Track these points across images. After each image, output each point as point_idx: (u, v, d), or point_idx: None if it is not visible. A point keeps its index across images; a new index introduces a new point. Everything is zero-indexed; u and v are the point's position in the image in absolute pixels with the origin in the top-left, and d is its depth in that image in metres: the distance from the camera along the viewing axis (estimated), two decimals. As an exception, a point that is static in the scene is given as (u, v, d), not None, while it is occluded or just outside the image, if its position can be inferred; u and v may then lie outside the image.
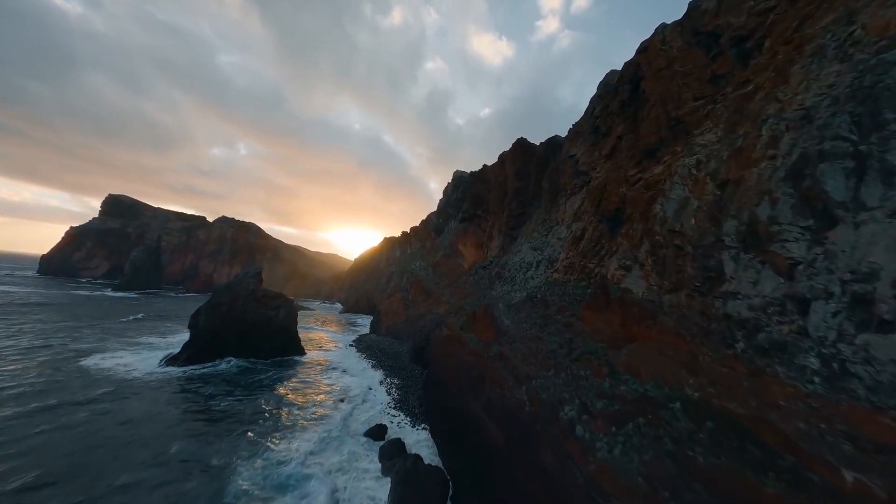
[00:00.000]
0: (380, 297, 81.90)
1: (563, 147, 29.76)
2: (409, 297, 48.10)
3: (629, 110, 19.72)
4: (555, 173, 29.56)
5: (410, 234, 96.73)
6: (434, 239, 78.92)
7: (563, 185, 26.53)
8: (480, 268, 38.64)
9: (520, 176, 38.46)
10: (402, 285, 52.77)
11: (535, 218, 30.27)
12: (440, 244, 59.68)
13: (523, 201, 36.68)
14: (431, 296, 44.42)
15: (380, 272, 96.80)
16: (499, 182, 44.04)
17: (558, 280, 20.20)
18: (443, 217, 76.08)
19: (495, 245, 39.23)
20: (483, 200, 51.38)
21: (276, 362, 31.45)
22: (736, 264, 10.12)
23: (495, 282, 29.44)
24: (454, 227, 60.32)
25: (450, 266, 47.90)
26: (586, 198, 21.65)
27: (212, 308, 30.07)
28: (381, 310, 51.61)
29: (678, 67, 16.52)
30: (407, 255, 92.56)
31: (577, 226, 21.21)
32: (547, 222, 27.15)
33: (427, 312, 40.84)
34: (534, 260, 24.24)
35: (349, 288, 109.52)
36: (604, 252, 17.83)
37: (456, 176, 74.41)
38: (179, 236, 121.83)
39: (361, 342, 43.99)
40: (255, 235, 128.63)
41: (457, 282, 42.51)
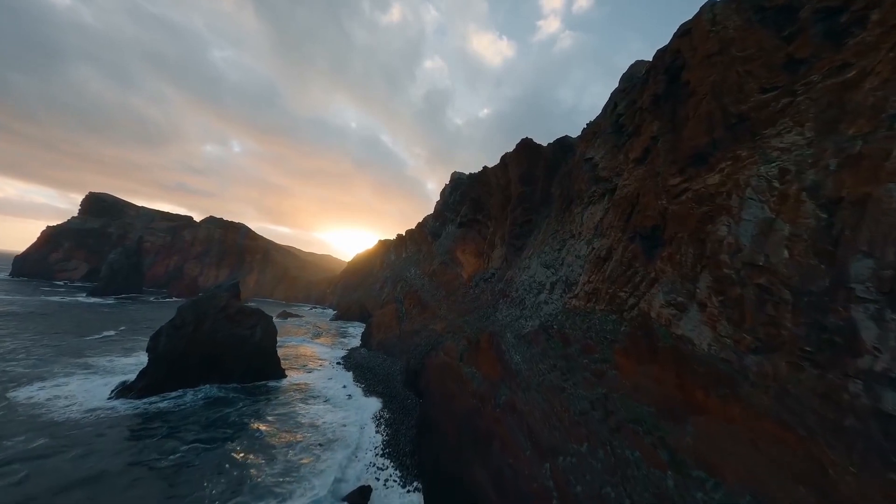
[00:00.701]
0: (373, 304, 78.13)
1: (576, 149, 26.51)
2: (403, 310, 44.55)
3: (665, 106, 16.43)
4: (567, 178, 26.26)
5: (406, 237, 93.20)
6: (430, 243, 75.52)
7: (579, 192, 23.23)
8: (481, 280, 35.25)
9: (525, 180, 35.12)
10: (396, 295, 49.20)
11: (545, 228, 26.93)
12: (437, 250, 56.19)
13: (529, 208, 33.35)
14: (427, 308, 40.93)
15: (373, 276, 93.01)
16: (501, 186, 40.68)
17: (579, 309, 16.84)
18: (440, 220, 72.72)
19: (497, 255, 35.86)
20: (483, 205, 48.06)
21: (250, 389, 27.72)
22: (881, 328, 6.81)
23: (499, 301, 26.03)
24: (452, 233, 56.96)
25: (447, 276, 44.45)
26: (611, 209, 18.33)
27: (175, 329, 26.24)
28: (374, 321, 48.01)
29: (737, 52, 13.23)
30: (402, 260, 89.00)
31: (600, 243, 17.88)
32: (559, 234, 23.82)
33: (422, 328, 37.34)
34: (546, 280, 20.86)
35: (342, 292, 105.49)
36: (639, 278, 14.52)
37: (454, 178, 71.03)
38: (164, 237, 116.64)
39: (350, 359, 40.32)
40: (244, 236, 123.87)
41: (455, 294, 39.08)
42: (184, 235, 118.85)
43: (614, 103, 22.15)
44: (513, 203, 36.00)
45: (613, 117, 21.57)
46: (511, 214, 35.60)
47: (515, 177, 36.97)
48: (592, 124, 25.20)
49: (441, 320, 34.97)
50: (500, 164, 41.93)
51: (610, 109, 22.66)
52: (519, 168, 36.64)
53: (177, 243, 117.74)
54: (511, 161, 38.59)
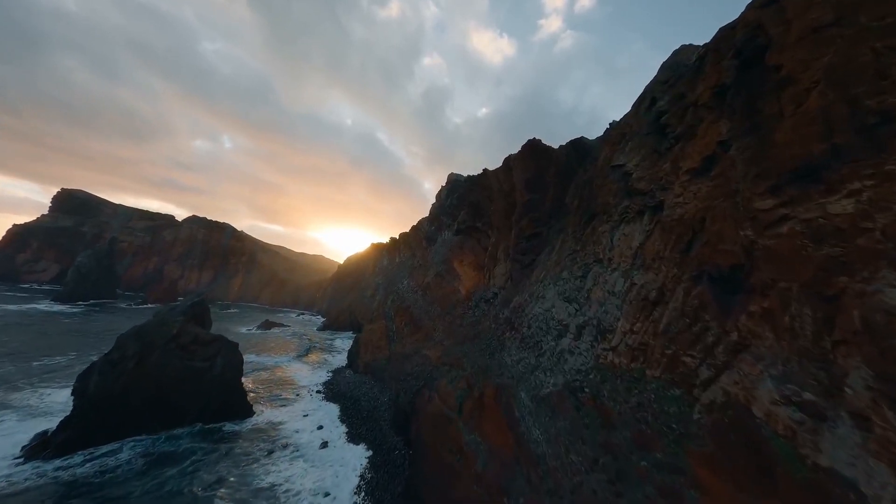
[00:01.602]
0: (363, 312, 73.49)
1: (597, 153, 22.42)
2: (393, 328, 40.13)
3: (737, 100, 12.33)
4: (587, 188, 22.12)
5: (400, 240, 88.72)
6: (425, 248, 71.17)
7: (605, 206, 19.08)
8: (482, 300, 31.02)
9: (532, 186, 30.95)
10: (386, 311, 44.74)
11: (560, 247, 22.75)
12: (432, 259, 51.84)
13: (537, 219, 29.19)
14: (420, 328, 36.60)
15: (365, 282, 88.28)
16: (504, 192, 36.48)
17: (620, 368, 12.69)
18: (435, 224, 68.40)
19: (500, 272, 31.66)
20: (483, 211, 43.84)
21: (206, 433, 23.13)
22: None
23: (506, 333, 21.80)
24: (448, 240, 52.65)
25: (443, 290, 40.14)
26: (657, 233, 14.19)
27: (111, 365, 21.50)
28: (362, 339, 43.48)
29: (867, 20, 9.16)
30: (395, 265, 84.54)
31: (645, 278, 13.72)
32: (580, 257, 19.66)
33: (414, 352, 32.99)
34: (569, 320, 16.64)
35: (331, 297, 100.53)
36: (712, 338, 10.41)
37: (451, 179, 66.75)
38: (142, 237, 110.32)
39: (333, 386, 35.79)
40: (229, 237, 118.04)
41: (452, 312, 34.80)
42: (164, 235, 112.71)
43: (651, 99, 18.04)
44: (518, 212, 31.81)
45: (651, 115, 17.44)
46: (516, 225, 31.42)
47: (521, 182, 32.77)
48: (619, 124, 21.07)
49: (436, 346, 30.65)
50: (504, 167, 37.75)
51: (644, 106, 18.54)
52: (525, 173, 32.46)
53: (157, 244, 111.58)
54: (516, 164, 34.39)
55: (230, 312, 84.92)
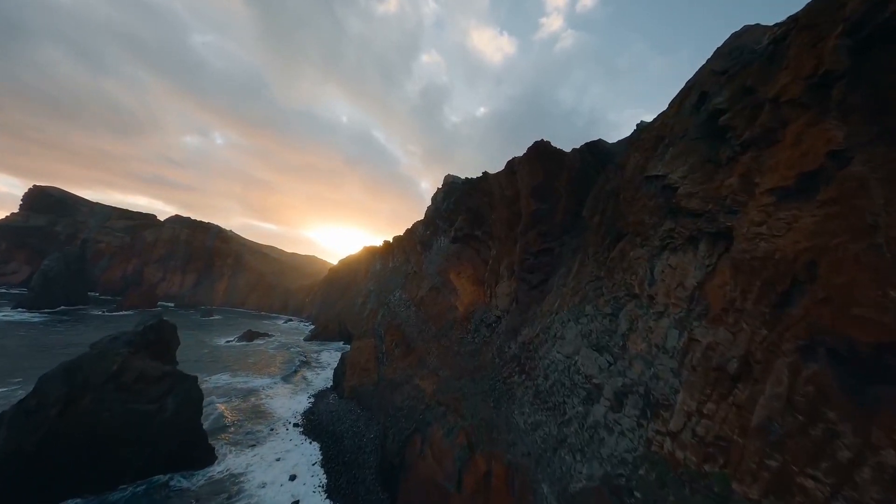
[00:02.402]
0: (354, 321, 69.42)
1: (623, 159, 18.80)
2: (383, 348, 36.28)
3: (856, 96, 8.77)
4: (611, 201, 18.50)
5: (394, 244, 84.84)
6: (420, 253, 67.49)
7: (638, 226, 15.49)
8: (483, 323, 27.35)
9: (540, 195, 27.32)
10: (376, 328, 40.82)
11: (577, 270, 19.12)
12: (426, 268, 48.05)
13: (546, 233, 25.57)
14: (413, 350, 32.81)
15: (356, 288, 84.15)
16: (507, 199, 32.82)
17: (687, 468, 9.08)
18: (431, 229, 64.64)
19: (504, 291, 28.01)
20: (483, 218, 40.19)
21: (151, 492, 19.10)
22: None
23: (513, 376, 18.12)
24: (444, 248, 48.93)
25: (439, 306, 36.41)
26: (727, 274, 10.59)
27: (25, 415, 17.35)
28: (349, 359, 39.51)
29: None
30: (388, 270, 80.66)
31: (713, 336, 10.12)
32: (606, 287, 16.06)
33: (405, 380, 29.22)
34: (602, 378, 12.96)
35: (321, 303, 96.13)
36: (845, 456, 6.84)
37: (447, 182, 62.92)
38: (121, 237, 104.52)
39: (314, 416, 31.84)
40: (214, 238, 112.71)
41: (448, 334, 31.06)
42: (145, 236, 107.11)
43: (700, 94, 14.43)
44: (524, 223, 28.16)
45: (702, 115, 13.85)
46: (521, 238, 27.77)
47: (527, 189, 29.12)
48: (653, 126, 17.44)
49: (430, 376, 26.91)
50: (506, 170, 34.04)
51: (690, 103, 14.95)
52: (532, 179, 28.79)
53: (137, 244, 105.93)
54: (521, 169, 30.70)
55: (212, 320, 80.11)
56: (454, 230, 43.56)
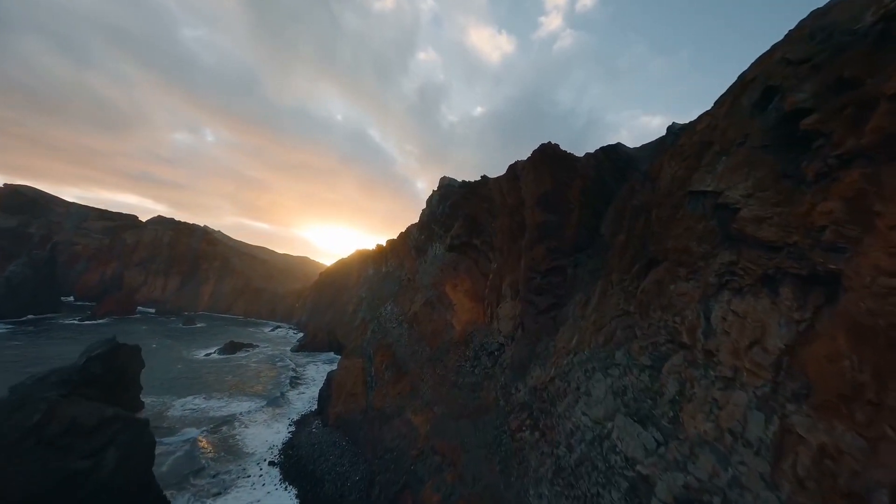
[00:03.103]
0: (344, 331, 65.88)
1: (651, 167, 15.71)
2: (372, 371, 32.92)
3: None
4: (641, 218, 15.44)
5: (387, 248, 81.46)
6: (414, 259, 64.32)
7: (681, 254, 12.42)
8: (484, 350, 24.17)
9: (548, 205, 24.21)
10: (364, 347, 37.41)
11: (601, 301, 16.00)
12: (420, 279, 44.78)
13: (556, 249, 22.46)
14: (405, 375, 29.53)
15: (348, 294, 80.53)
16: (509, 207, 29.70)
17: None
18: (426, 233, 61.41)
19: (507, 313, 24.89)
20: (481, 226, 37.08)
21: (82, 571, 15.56)
22: None
23: (523, 430, 14.96)
24: (440, 256, 45.73)
25: (433, 323, 33.18)
26: (841, 340, 7.52)
27: None
28: (335, 381, 36.06)
29: None
30: (381, 276, 77.30)
31: (823, 435, 7.04)
32: (640, 326, 12.98)
33: (396, 412, 25.96)
34: (651, 468, 9.80)
35: (311, 309, 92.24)
36: None
37: (443, 184, 59.59)
38: (99, 239, 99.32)
39: (294, 451, 28.41)
40: (199, 240, 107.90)
41: (444, 359, 27.85)
42: (125, 238, 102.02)
43: (764, 88, 11.37)
44: (530, 236, 25.03)
45: (769, 117, 10.80)
46: (527, 253, 24.65)
47: (532, 198, 26.00)
48: (695, 129, 14.36)
49: (424, 410, 23.69)
50: (508, 174, 30.91)
51: (750, 102, 11.88)
52: (538, 186, 25.67)
53: (116, 247, 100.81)
54: (526, 174, 27.57)
55: (194, 329, 75.79)
56: (450, 237, 40.34)
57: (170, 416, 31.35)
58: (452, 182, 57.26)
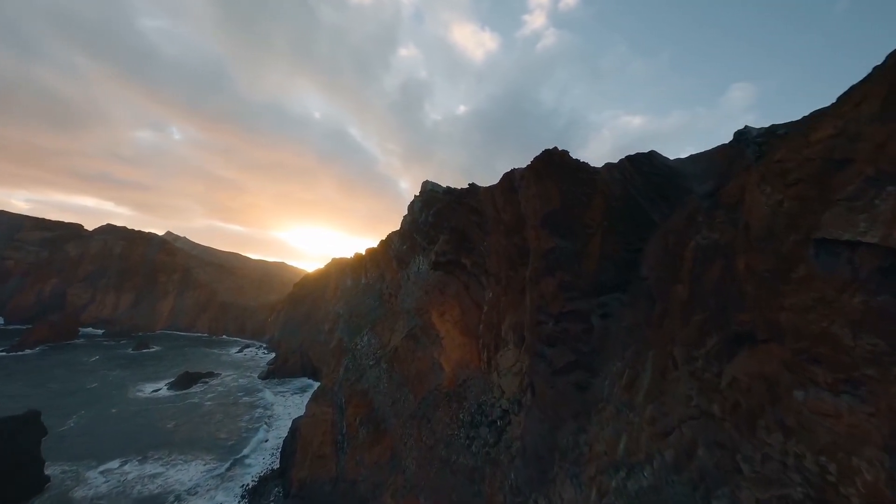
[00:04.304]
0: (318, 353, 59.31)
1: (726, 193, 10.84)
2: (344, 425, 27.10)
3: None
4: (715, 267, 10.65)
5: (366, 257, 75.18)
6: (396, 271, 58.56)
7: (819, 344, 7.63)
8: (484, 419, 18.94)
9: (556, 227, 19.25)
10: (336, 389, 31.47)
11: (659, 386, 11.13)
12: (401, 303, 39.21)
13: (571, 286, 17.52)
14: (384, 435, 23.98)
15: (323, 310, 73.66)
16: (506, 225, 24.66)
17: None
18: (408, 243, 55.82)
19: (509, 363, 19.83)
20: (472, 243, 31.97)
21: None
22: None
23: None
24: (424, 275, 40.34)
25: (419, 363, 27.78)
26: None
27: None
28: (300, 431, 29.91)
29: None
30: (360, 288, 71.02)
31: None
32: (747, 463, 8.14)
33: (371, 494, 20.41)
34: None
35: (284, 324, 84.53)
36: None
37: (425, 190, 54.07)
38: (36, 252, 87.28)
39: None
40: (157, 250, 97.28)
41: (432, 417, 22.48)
42: (67, 250, 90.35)
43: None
44: (535, 266, 20.00)
45: None
46: (533, 287, 19.63)
47: (536, 216, 20.99)
48: (806, 138, 9.60)
49: (407, 496, 18.26)
50: (504, 185, 25.84)
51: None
52: (543, 202, 20.66)
53: (57, 261, 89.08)
54: (526, 187, 22.52)
55: (146, 354, 66.71)
56: (435, 253, 34.96)
57: (76, 498, 24.36)
58: (436, 188, 51.85)
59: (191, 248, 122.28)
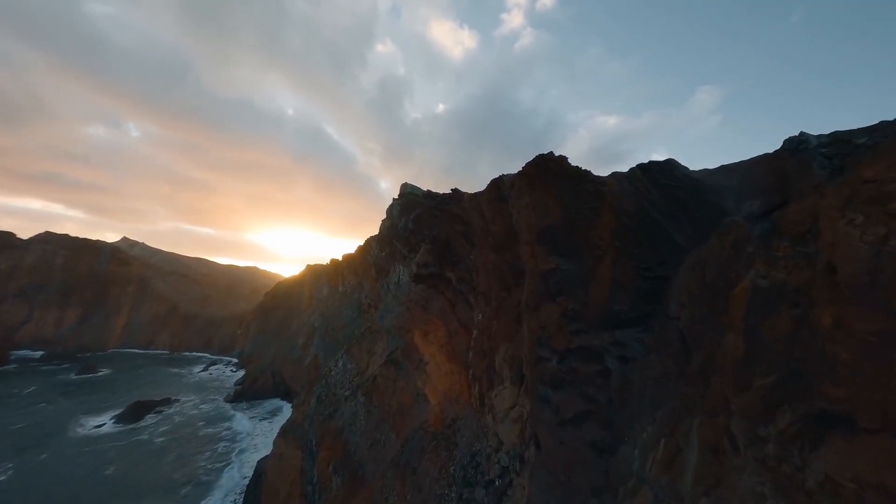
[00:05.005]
0: (291, 371, 54.66)
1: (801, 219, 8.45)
2: (315, 474, 23.46)
3: None
4: (775, 316, 8.23)
5: (343, 264, 70.78)
6: (375, 280, 54.90)
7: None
8: (480, 477, 16.11)
9: (556, 244, 16.59)
10: (306, 426, 27.64)
11: (706, 468, 8.60)
12: (381, 319, 35.75)
13: (577, 316, 14.93)
14: (361, 485, 20.65)
15: (298, 320, 68.61)
16: (496, 238, 21.83)
17: None
18: (387, 250, 52.25)
19: (507, 404, 17.09)
20: (456, 255, 29.16)
21: None
22: None
23: None
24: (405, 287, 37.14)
25: (400, 395, 24.58)
26: None
27: None
28: (266, 478, 25.92)
29: None
30: (337, 297, 66.69)
31: None
32: None
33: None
34: None
35: (255, 337, 78.47)
36: None
37: (405, 193, 50.46)
38: (-42, 267, 76.13)
39: None
40: (108, 260, 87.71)
41: (417, 467, 19.39)
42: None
43: None
44: (532, 288, 17.26)
45: None
46: (531, 314, 16.91)
47: (530, 231, 18.26)
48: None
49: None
50: (491, 193, 22.94)
51: None
52: (538, 216, 17.93)
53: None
54: (518, 196, 19.69)
55: (92, 379, 59.14)
56: (417, 265, 31.76)
57: None
58: (415, 191, 48.45)
59: (149, 256, 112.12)
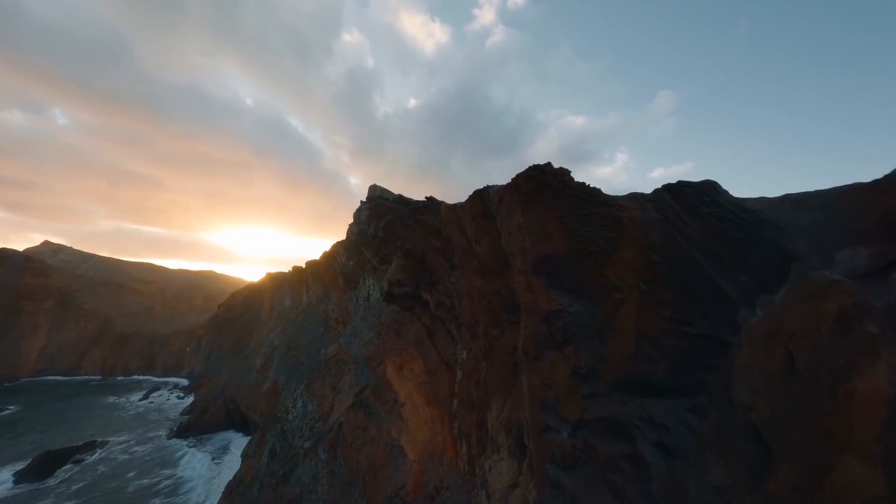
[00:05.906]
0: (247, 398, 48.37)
1: None
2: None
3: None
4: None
5: (308, 272, 64.51)
6: (342, 291, 49.80)
7: None
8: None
9: (560, 278, 13.39)
10: (255, 490, 22.81)
11: None
12: (347, 348, 31.19)
13: (592, 374, 11.87)
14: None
15: (256, 336, 61.54)
16: (481, 262, 18.29)
17: None
18: (355, 258, 47.29)
19: (506, 479, 13.80)
20: (435, 274, 25.57)
21: None
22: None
23: None
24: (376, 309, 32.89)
25: (371, 449, 20.54)
26: None
27: None
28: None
29: None
30: (301, 310, 60.57)
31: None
32: None
33: None
34: None
35: (207, 355, 69.92)
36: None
37: (373, 196, 45.45)
38: None
39: None
40: (18, 271, 73.80)
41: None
42: None
43: None
44: (529, 330, 13.98)
45: None
46: (531, 367, 13.65)
47: (525, 257, 14.92)
48: None
49: None
50: (475, 208, 19.28)
51: None
52: (536, 242, 14.60)
53: None
54: (508, 214, 16.22)
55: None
56: (388, 282, 27.59)
57: None
58: (385, 194, 43.73)
59: (76, 264, 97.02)
